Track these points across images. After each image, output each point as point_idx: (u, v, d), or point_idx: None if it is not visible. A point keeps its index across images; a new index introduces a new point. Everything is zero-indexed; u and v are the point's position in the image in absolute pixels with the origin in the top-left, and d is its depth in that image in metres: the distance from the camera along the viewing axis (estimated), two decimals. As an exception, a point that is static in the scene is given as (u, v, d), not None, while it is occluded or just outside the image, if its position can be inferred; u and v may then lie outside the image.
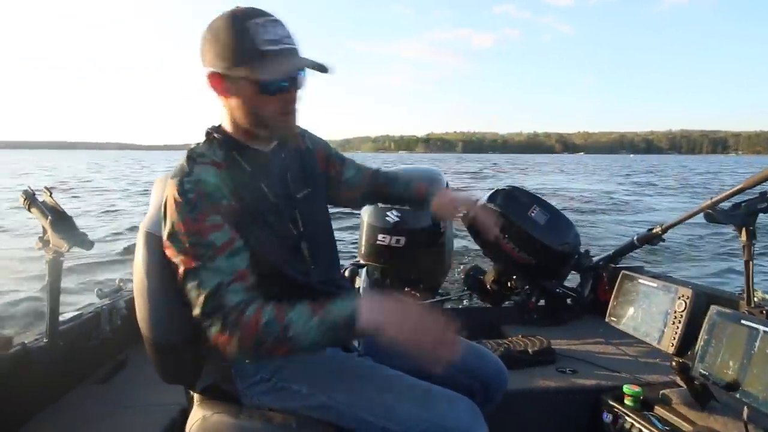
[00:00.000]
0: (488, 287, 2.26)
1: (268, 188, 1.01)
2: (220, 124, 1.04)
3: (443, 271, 2.35)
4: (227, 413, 1.02)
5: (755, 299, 1.51)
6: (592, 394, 1.48)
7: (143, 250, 1.11)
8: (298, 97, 0.98)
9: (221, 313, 0.87)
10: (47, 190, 1.49)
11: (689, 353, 1.30)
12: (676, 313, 1.34)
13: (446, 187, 2.27)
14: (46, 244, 1.47)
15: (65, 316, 1.60)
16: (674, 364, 1.26)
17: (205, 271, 0.89)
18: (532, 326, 2.02)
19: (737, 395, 1.09)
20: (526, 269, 2.03)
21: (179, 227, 0.90)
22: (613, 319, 1.57)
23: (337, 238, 1.24)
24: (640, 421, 1.29)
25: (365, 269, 2.23)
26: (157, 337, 1.09)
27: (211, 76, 0.94)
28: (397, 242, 2.05)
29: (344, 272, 2.21)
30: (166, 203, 0.93)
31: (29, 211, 1.48)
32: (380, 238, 2.07)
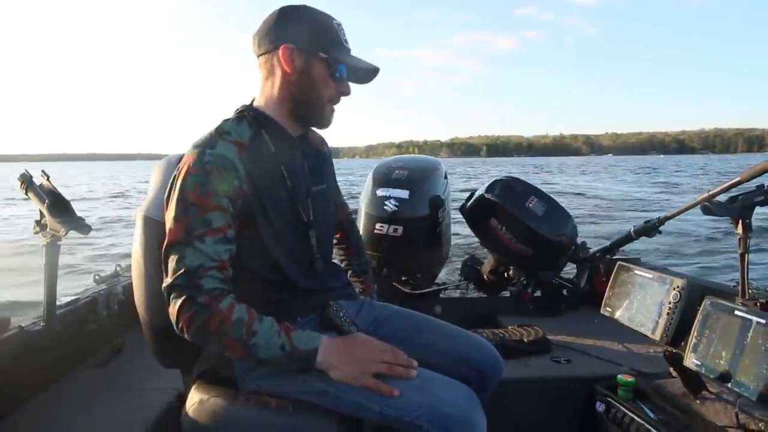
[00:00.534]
0: (485, 277, 2.27)
1: (287, 172, 1.06)
2: (251, 103, 1.09)
3: (441, 260, 2.35)
4: (224, 397, 1.02)
5: (750, 291, 1.52)
6: (585, 383, 1.50)
7: (141, 234, 1.11)
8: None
9: (192, 292, 0.90)
10: (44, 174, 1.49)
11: (683, 344, 1.31)
12: (670, 304, 1.35)
13: (445, 178, 2.27)
14: (43, 228, 1.46)
15: (62, 300, 1.60)
16: (667, 354, 1.27)
17: (191, 248, 0.92)
18: (528, 317, 2.03)
19: (729, 385, 1.10)
20: (522, 260, 2.04)
21: (187, 194, 0.94)
22: (608, 309, 1.58)
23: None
24: (632, 410, 1.30)
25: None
26: (154, 321, 1.09)
27: (285, 48, 1.02)
28: (394, 231, 2.05)
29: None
30: (180, 169, 0.97)
31: (26, 195, 1.48)
32: (378, 227, 2.07)
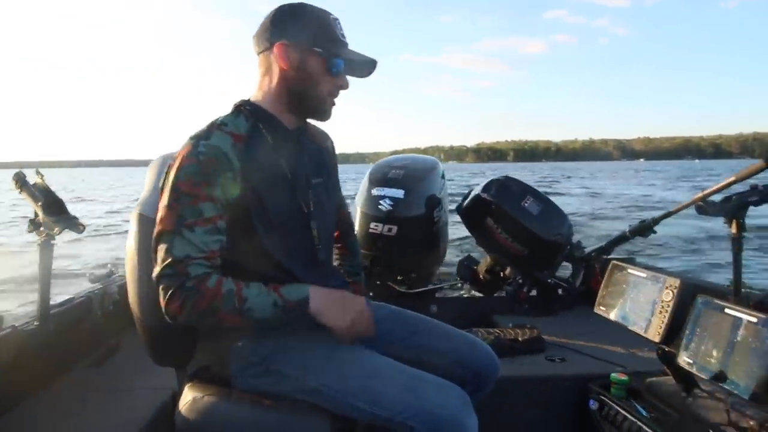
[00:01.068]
0: (481, 277, 2.27)
1: (286, 164, 1.06)
2: (249, 99, 1.09)
3: (437, 260, 2.36)
4: (218, 396, 1.03)
5: (743, 290, 1.53)
6: (579, 381, 1.50)
7: (136, 232, 1.11)
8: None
9: (180, 280, 0.90)
10: (38, 173, 1.48)
11: (676, 342, 1.32)
12: (663, 302, 1.36)
13: (442, 178, 2.27)
14: (36, 227, 1.46)
15: (56, 300, 1.60)
16: (660, 352, 1.28)
17: (179, 237, 0.92)
18: (523, 316, 2.03)
19: (721, 383, 1.10)
20: (518, 259, 2.04)
21: (179, 184, 0.94)
22: (602, 308, 1.58)
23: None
24: (625, 408, 1.31)
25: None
26: (149, 319, 1.09)
27: (281, 45, 1.02)
28: (389, 231, 2.05)
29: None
30: (175, 159, 0.97)
31: (20, 194, 1.47)
32: (372, 226, 2.06)
